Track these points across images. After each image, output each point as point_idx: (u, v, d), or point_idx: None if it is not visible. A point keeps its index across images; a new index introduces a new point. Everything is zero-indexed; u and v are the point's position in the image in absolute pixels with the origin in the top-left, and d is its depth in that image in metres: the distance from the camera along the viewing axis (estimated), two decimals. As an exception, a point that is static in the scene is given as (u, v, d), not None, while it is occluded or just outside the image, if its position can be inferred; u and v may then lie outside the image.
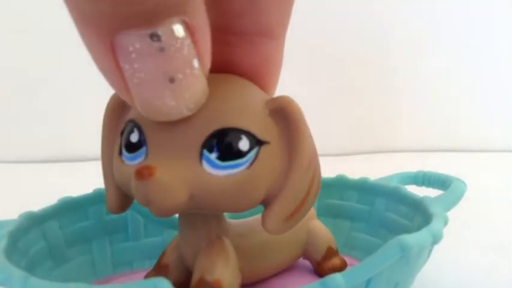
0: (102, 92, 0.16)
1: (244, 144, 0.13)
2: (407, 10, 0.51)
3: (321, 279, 0.13)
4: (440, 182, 0.22)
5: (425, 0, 0.52)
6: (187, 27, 0.11)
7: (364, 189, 0.22)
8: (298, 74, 0.50)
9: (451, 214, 0.18)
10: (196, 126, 0.13)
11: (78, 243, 0.19)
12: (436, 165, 0.24)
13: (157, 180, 0.12)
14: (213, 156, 0.13)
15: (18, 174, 0.46)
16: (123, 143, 0.14)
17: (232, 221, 0.18)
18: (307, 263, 0.20)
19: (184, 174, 0.13)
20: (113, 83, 0.12)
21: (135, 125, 0.14)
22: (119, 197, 0.16)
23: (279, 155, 0.14)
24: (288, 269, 0.20)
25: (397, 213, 0.20)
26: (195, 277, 0.15)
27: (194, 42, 0.11)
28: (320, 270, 0.19)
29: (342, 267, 0.19)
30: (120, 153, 0.15)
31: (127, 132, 0.14)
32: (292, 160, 0.14)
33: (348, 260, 0.21)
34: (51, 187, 0.18)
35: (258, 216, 0.19)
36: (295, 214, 0.14)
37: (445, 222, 0.17)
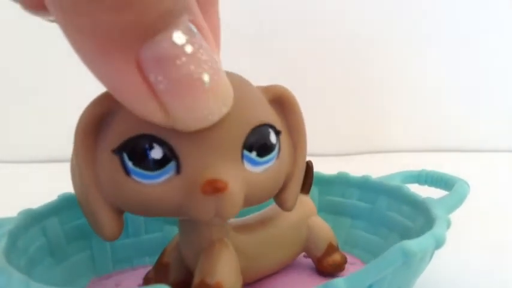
0: (103, 90, 0.15)
1: (273, 137, 0.14)
2: (408, 10, 0.51)
3: (323, 284, 0.13)
4: (443, 181, 0.22)
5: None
6: (197, 25, 0.11)
7: (365, 187, 0.22)
8: (298, 74, 0.50)
9: (452, 215, 0.18)
10: (231, 129, 0.13)
11: (78, 239, 0.19)
12: (436, 165, 0.24)
13: (231, 193, 0.13)
14: (254, 154, 0.14)
15: (18, 174, 0.46)
16: (134, 161, 0.13)
17: (232, 220, 0.18)
18: (307, 261, 0.20)
19: (240, 179, 0.13)
20: (141, 106, 0.11)
21: (153, 139, 0.13)
22: (116, 219, 0.14)
23: (287, 141, 0.15)
24: (288, 266, 0.20)
25: (398, 213, 0.20)
26: (196, 279, 0.15)
27: (205, 38, 0.11)
28: (320, 267, 0.19)
29: (342, 263, 0.19)
30: (128, 173, 0.13)
31: (141, 149, 0.13)
32: (298, 143, 0.16)
33: (348, 257, 0.21)
34: (51, 187, 0.18)
35: (257, 214, 0.19)
36: (299, 189, 0.16)
37: (448, 226, 0.16)
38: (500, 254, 0.23)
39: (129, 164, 0.13)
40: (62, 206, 0.19)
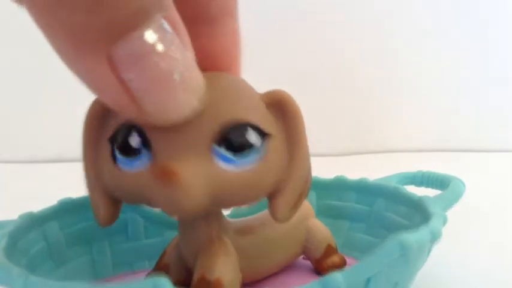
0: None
1: (252, 137, 0.14)
2: (409, 10, 0.52)
3: (321, 279, 0.13)
4: (439, 182, 0.22)
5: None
6: (170, 22, 0.11)
7: (363, 189, 0.22)
8: (298, 74, 0.50)
9: (450, 214, 0.18)
10: (202, 123, 0.13)
11: (78, 244, 0.19)
12: (435, 165, 0.24)
13: (181, 181, 0.12)
14: (224, 150, 0.13)
15: (18, 174, 0.46)
16: (118, 148, 0.14)
17: (232, 220, 0.18)
18: (307, 262, 0.20)
19: (201, 173, 0.13)
20: (114, 100, 0.12)
21: (133, 127, 0.14)
22: (109, 206, 0.15)
23: (281, 147, 0.15)
24: (288, 267, 0.20)
25: (396, 213, 0.20)
26: (196, 276, 0.15)
27: (178, 35, 0.11)
28: (319, 268, 0.19)
29: (341, 264, 0.19)
30: (115, 160, 0.14)
31: (123, 135, 0.14)
32: (295, 151, 0.15)
33: (347, 260, 0.21)
34: (51, 187, 0.18)
35: (257, 215, 0.19)
36: (299, 202, 0.15)
37: (444, 221, 0.17)
38: (499, 254, 0.23)
39: (116, 151, 0.14)
40: (62, 211, 0.19)
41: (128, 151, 0.14)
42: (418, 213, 0.19)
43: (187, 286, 0.16)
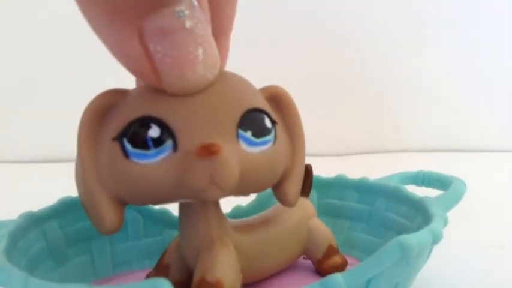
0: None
1: (267, 122, 0.15)
2: (408, 9, 0.51)
3: (321, 280, 0.13)
4: (440, 182, 0.22)
5: (424, -1, 0.52)
6: None
7: (364, 189, 0.22)
8: (298, 74, 0.50)
9: (451, 214, 0.18)
10: (227, 109, 0.14)
11: (78, 243, 0.19)
12: (436, 165, 0.24)
13: (225, 157, 0.13)
14: (249, 134, 0.14)
15: (18, 174, 0.46)
16: (132, 143, 0.13)
17: (233, 220, 0.18)
18: (307, 262, 0.20)
19: (232, 151, 0.13)
20: (136, 69, 0.12)
21: (150, 120, 0.13)
22: (117, 210, 0.14)
23: (284, 136, 0.16)
24: (289, 268, 0.20)
25: (397, 213, 0.20)
26: (196, 277, 0.15)
27: (203, 9, 0.12)
28: (321, 269, 0.19)
29: (342, 265, 0.19)
30: (127, 155, 0.13)
31: (138, 130, 0.13)
32: (296, 140, 0.16)
33: (347, 259, 0.21)
34: (51, 187, 0.18)
35: (258, 215, 0.19)
36: (300, 186, 0.17)
37: (445, 223, 0.17)
38: (499, 254, 0.24)
39: (129, 146, 0.13)
40: (62, 210, 0.19)
41: (145, 144, 0.13)
42: (419, 213, 0.19)
43: (188, 286, 0.16)
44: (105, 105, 0.14)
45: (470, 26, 0.51)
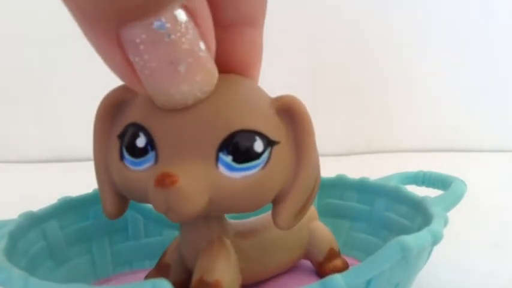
0: (102, 91, 0.15)
1: (258, 145, 0.13)
2: (408, 11, 0.51)
3: (321, 280, 0.13)
4: (440, 182, 0.22)
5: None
6: (188, 11, 0.11)
7: (364, 189, 0.22)
8: (298, 74, 0.50)
9: (450, 214, 0.18)
10: (210, 129, 0.13)
11: (78, 243, 0.19)
12: (436, 165, 0.24)
13: (180, 188, 0.13)
14: (229, 159, 0.13)
15: (18, 174, 0.46)
16: (125, 147, 0.14)
17: (233, 221, 0.18)
18: (308, 263, 0.20)
19: (203, 179, 0.13)
20: (123, 77, 0.12)
21: (140, 128, 0.14)
22: (117, 201, 0.16)
23: (289, 154, 0.14)
24: (289, 269, 0.20)
25: (397, 213, 0.20)
26: (195, 277, 0.15)
27: (197, 24, 0.12)
28: (321, 272, 0.19)
29: (343, 268, 0.19)
30: (122, 158, 0.14)
31: (130, 136, 0.14)
32: (301, 159, 0.14)
33: (347, 260, 0.21)
34: (51, 187, 0.18)
35: (259, 217, 0.19)
36: (303, 210, 0.15)
37: (445, 223, 0.17)
38: (499, 254, 0.24)
39: (123, 150, 0.14)
40: (62, 210, 0.19)
41: (135, 151, 0.14)
42: (419, 213, 0.19)
43: (188, 287, 0.16)
44: (118, 100, 0.15)
45: (470, 26, 0.51)
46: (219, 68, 0.13)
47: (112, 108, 0.15)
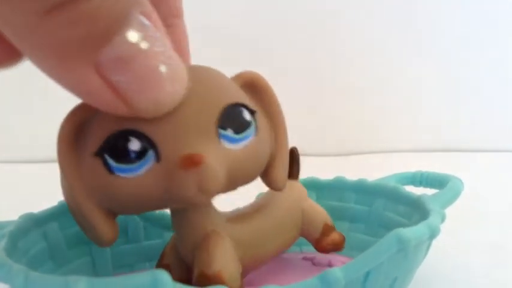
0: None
1: (246, 114, 0.15)
2: (405, 11, 0.52)
3: (320, 274, 0.13)
4: (437, 181, 0.22)
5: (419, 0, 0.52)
6: (147, 16, 0.12)
7: (362, 190, 0.23)
8: (298, 74, 0.50)
9: (450, 214, 0.18)
10: (204, 110, 0.14)
11: (78, 245, 0.19)
12: (434, 166, 0.25)
13: (209, 165, 0.13)
14: (229, 132, 0.14)
15: (18, 174, 0.46)
16: (113, 157, 0.13)
17: (226, 212, 0.18)
18: (307, 262, 0.20)
19: (216, 154, 0.13)
20: (103, 102, 0.12)
21: (128, 133, 0.13)
22: (111, 223, 0.15)
23: (265, 123, 0.16)
24: (287, 267, 0.20)
25: (395, 213, 0.21)
26: (196, 272, 0.15)
27: (156, 27, 0.12)
28: (320, 248, 0.20)
29: (341, 242, 0.20)
30: (111, 171, 0.13)
31: (118, 145, 0.13)
32: (276, 124, 0.16)
33: (347, 260, 0.21)
34: (51, 187, 0.18)
35: (250, 204, 0.19)
36: (287, 167, 0.17)
37: (442, 218, 0.17)
38: (498, 254, 0.24)
39: (111, 162, 0.13)
40: (62, 212, 0.19)
41: (128, 158, 0.13)
42: (416, 211, 0.19)
43: (189, 283, 0.16)
44: (80, 121, 0.14)
45: (469, 26, 0.52)
46: None
47: (75, 132, 0.14)
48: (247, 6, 0.51)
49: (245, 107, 0.15)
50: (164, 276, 0.12)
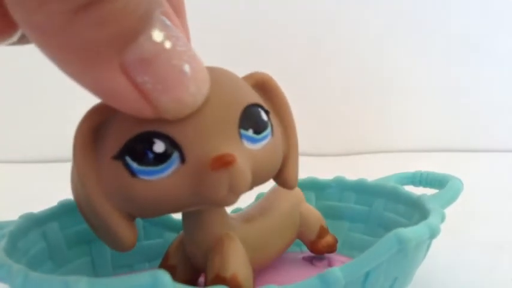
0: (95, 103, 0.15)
1: (264, 115, 0.15)
2: (405, 12, 0.52)
3: (320, 274, 0.13)
4: (437, 182, 0.22)
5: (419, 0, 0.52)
6: (167, 16, 0.12)
7: (362, 190, 0.23)
8: (299, 74, 0.50)
9: (451, 214, 0.18)
10: (226, 111, 0.14)
11: (78, 245, 0.19)
12: (434, 166, 0.25)
13: (240, 165, 0.13)
14: (250, 132, 0.14)
15: (18, 174, 0.46)
16: (136, 160, 0.13)
17: (233, 214, 0.18)
18: (306, 262, 0.20)
19: (242, 156, 0.14)
20: (127, 105, 0.12)
21: (151, 135, 0.13)
22: (131, 226, 0.14)
23: (277, 122, 0.16)
24: (286, 265, 0.20)
25: (395, 213, 0.21)
26: (210, 275, 0.15)
27: (176, 26, 0.12)
28: (315, 249, 0.20)
29: (334, 243, 0.21)
30: (133, 174, 0.13)
31: (143, 146, 0.13)
32: (287, 123, 0.17)
33: (347, 260, 0.21)
34: (51, 187, 0.18)
35: (254, 207, 0.19)
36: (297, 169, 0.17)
37: (442, 218, 0.17)
38: (499, 254, 0.24)
39: (134, 165, 0.13)
40: (62, 212, 0.19)
41: (152, 160, 0.13)
42: (416, 211, 0.19)
43: (193, 284, 0.16)
44: (98, 123, 0.14)
45: (469, 26, 0.52)
46: None
47: (93, 133, 0.14)
48: (248, 6, 0.51)
49: (261, 108, 0.15)
50: (164, 276, 0.12)
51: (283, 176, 0.16)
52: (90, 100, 0.15)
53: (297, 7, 0.51)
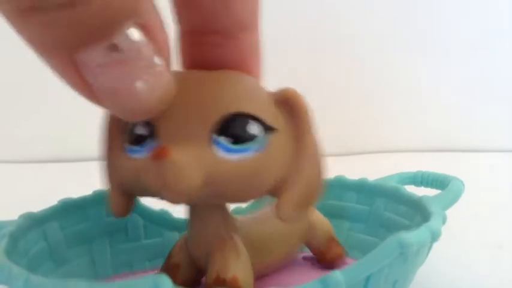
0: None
1: (253, 128, 0.14)
2: (404, 11, 0.52)
3: (321, 277, 0.13)
4: (438, 181, 0.22)
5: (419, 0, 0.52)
6: (142, 27, 0.11)
7: (363, 189, 0.22)
8: (299, 74, 0.50)
9: (451, 214, 0.18)
10: (203, 113, 0.14)
11: (78, 244, 0.19)
12: (435, 165, 0.25)
13: (173, 159, 0.13)
14: (224, 140, 0.13)
15: (18, 174, 0.46)
16: (128, 138, 0.15)
17: (239, 217, 0.18)
18: (306, 261, 0.20)
19: (196, 156, 0.13)
20: (82, 95, 0.12)
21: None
22: (123, 203, 0.16)
23: (289, 145, 0.15)
24: (289, 267, 0.20)
25: (396, 213, 0.21)
26: (211, 276, 0.15)
27: (152, 39, 0.12)
28: (323, 260, 0.20)
29: (343, 255, 0.20)
30: (124, 149, 0.15)
31: (131, 126, 0.14)
32: (301, 149, 0.15)
33: (347, 260, 0.21)
34: (51, 187, 0.18)
35: (261, 211, 0.19)
36: (305, 204, 0.15)
37: (444, 220, 0.17)
38: (499, 254, 0.24)
39: (126, 142, 0.15)
40: (62, 211, 0.19)
41: (137, 139, 0.14)
42: (417, 212, 0.19)
43: (196, 284, 0.16)
44: None
45: (469, 27, 0.52)
46: None
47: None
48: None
49: (257, 120, 0.14)
50: (165, 280, 0.12)
51: (276, 204, 0.15)
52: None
53: (297, 7, 0.51)
